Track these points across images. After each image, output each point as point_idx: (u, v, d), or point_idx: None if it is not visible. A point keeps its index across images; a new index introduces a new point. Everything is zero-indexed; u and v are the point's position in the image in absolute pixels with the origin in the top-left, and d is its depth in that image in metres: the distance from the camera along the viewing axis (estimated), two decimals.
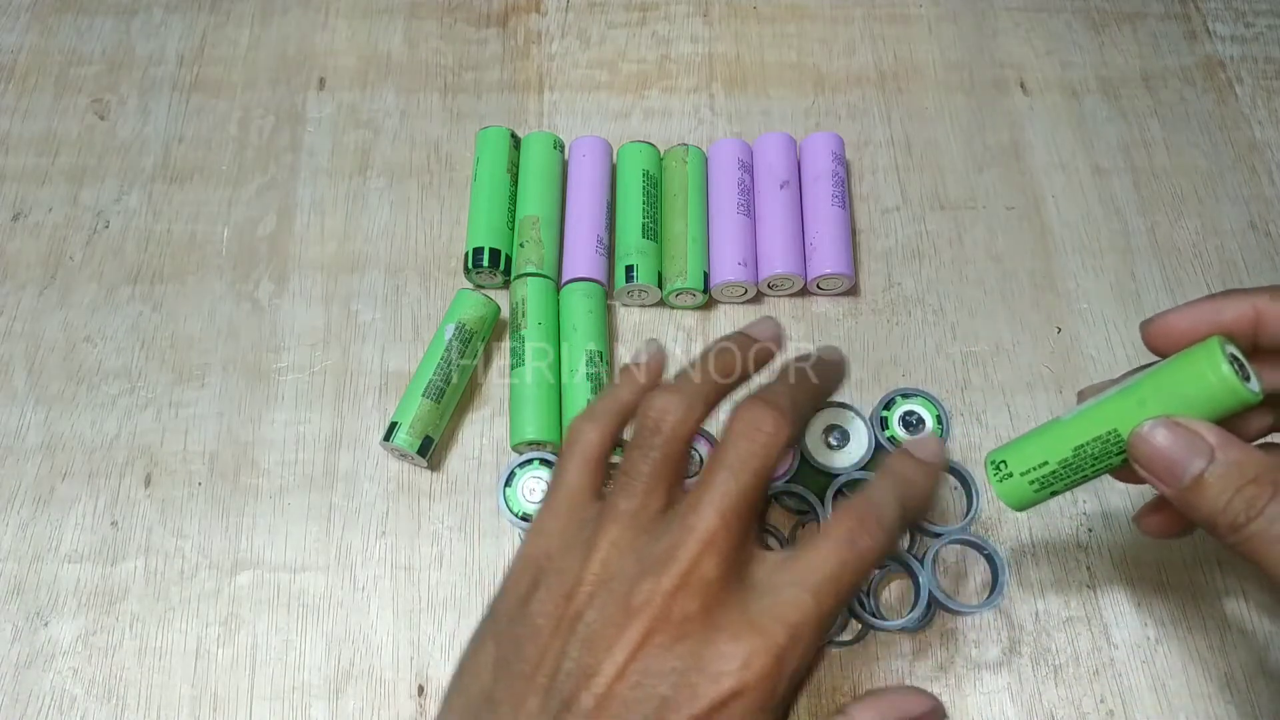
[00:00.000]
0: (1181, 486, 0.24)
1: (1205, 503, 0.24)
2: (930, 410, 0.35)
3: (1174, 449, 0.24)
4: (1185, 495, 0.24)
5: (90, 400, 0.41)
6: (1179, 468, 0.24)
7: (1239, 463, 0.24)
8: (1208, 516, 0.24)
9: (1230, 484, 0.23)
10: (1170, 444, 0.24)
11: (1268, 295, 0.25)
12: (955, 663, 0.37)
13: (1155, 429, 0.24)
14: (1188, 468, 0.24)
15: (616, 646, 0.24)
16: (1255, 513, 0.23)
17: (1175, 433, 0.24)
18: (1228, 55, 0.52)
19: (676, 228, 0.43)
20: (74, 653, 0.37)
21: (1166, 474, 0.24)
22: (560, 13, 0.52)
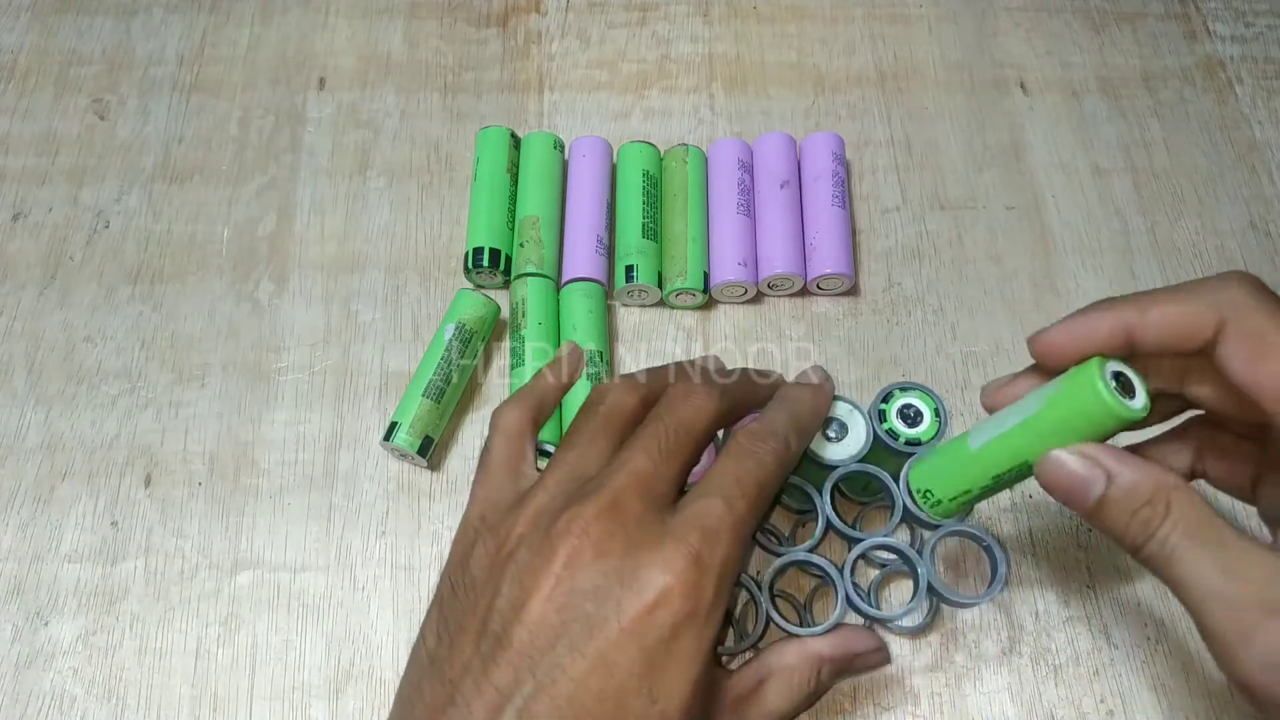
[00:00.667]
0: (1087, 510, 0.25)
1: (1109, 525, 0.25)
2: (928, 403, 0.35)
3: (1074, 476, 0.25)
4: (1092, 519, 0.25)
5: (90, 400, 0.41)
6: (1081, 493, 0.25)
7: (1134, 485, 0.24)
8: (1115, 538, 0.25)
9: (1127, 506, 0.24)
10: (1069, 472, 0.25)
11: (1134, 309, 0.25)
12: (955, 662, 0.37)
13: (1053, 458, 0.26)
14: (1089, 492, 0.25)
15: (542, 575, 0.25)
16: (1148, 534, 0.24)
17: (1073, 461, 0.25)
18: (1228, 55, 0.52)
19: (676, 228, 0.43)
20: (74, 653, 0.37)
21: (1072, 499, 0.25)
22: (560, 13, 0.52)
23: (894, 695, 0.36)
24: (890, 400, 0.35)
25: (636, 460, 0.27)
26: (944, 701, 0.36)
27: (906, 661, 0.37)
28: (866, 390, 0.42)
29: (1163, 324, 0.25)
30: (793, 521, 0.39)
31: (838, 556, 0.39)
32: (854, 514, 0.39)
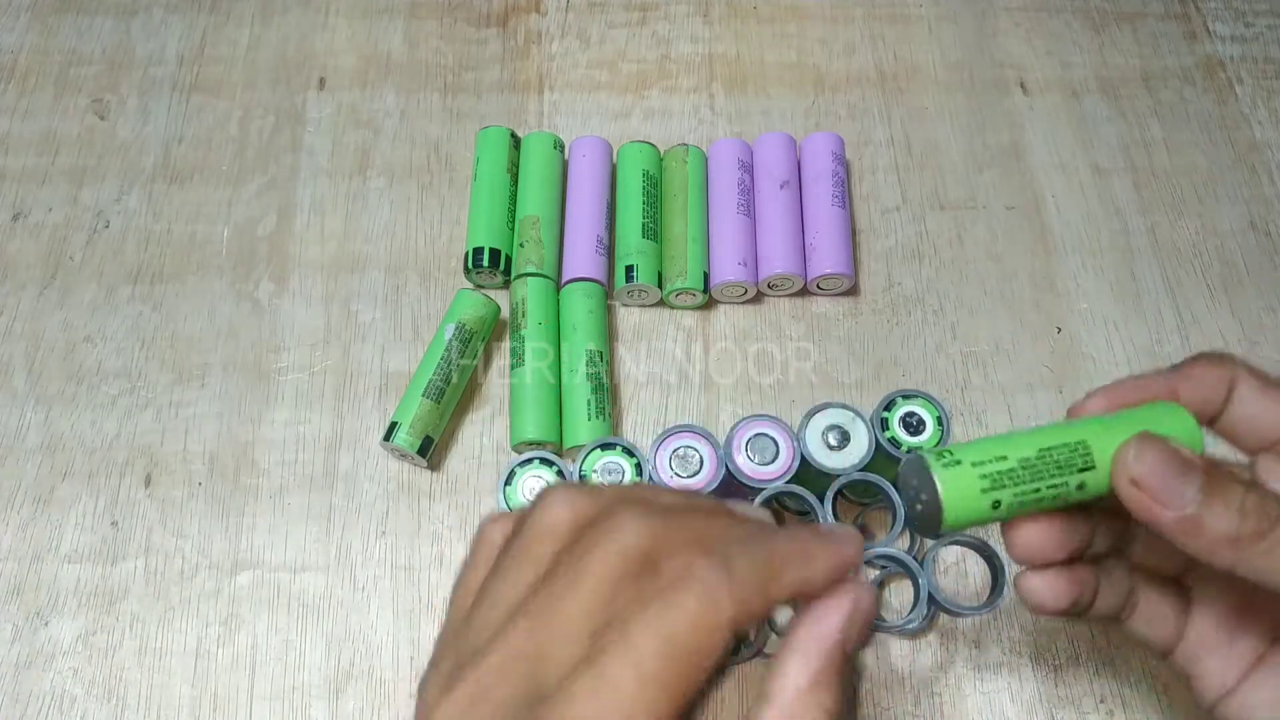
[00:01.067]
0: (1186, 507, 0.22)
1: (1220, 519, 0.22)
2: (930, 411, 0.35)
3: (1167, 467, 0.22)
4: (1186, 522, 0.22)
5: (90, 400, 0.41)
6: (1176, 489, 0.22)
7: (1230, 476, 0.22)
8: (1218, 537, 0.22)
9: (1234, 498, 0.22)
10: (1162, 462, 0.22)
11: (1167, 378, 0.25)
12: (955, 663, 0.37)
13: (1143, 449, 0.22)
14: (1185, 489, 0.22)
15: None
16: (1275, 519, 0.21)
17: (1165, 451, 0.22)
18: (1228, 55, 0.52)
19: (676, 228, 0.43)
20: (74, 653, 0.37)
21: (1165, 496, 0.22)
22: (560, 13, 0.52)
23: (894, 695, 0.36)
24: (893, 408, 0.35)
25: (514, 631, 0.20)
26: (944, 702, 0.36)
27: (907, 662, 0.37)
28: (866, 390, 0.42)
29: (1200, 380, 0.24)
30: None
31: None
32: (854, 515, 0.39)
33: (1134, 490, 0.22)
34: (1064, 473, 0.23)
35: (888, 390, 0.42)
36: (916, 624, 0.36)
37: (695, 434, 0.34)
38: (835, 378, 0.43)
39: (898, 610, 0.38)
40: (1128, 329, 0.44)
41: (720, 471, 0.34)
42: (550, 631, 0.20)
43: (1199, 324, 0.44)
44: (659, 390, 0.42)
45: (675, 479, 0.34)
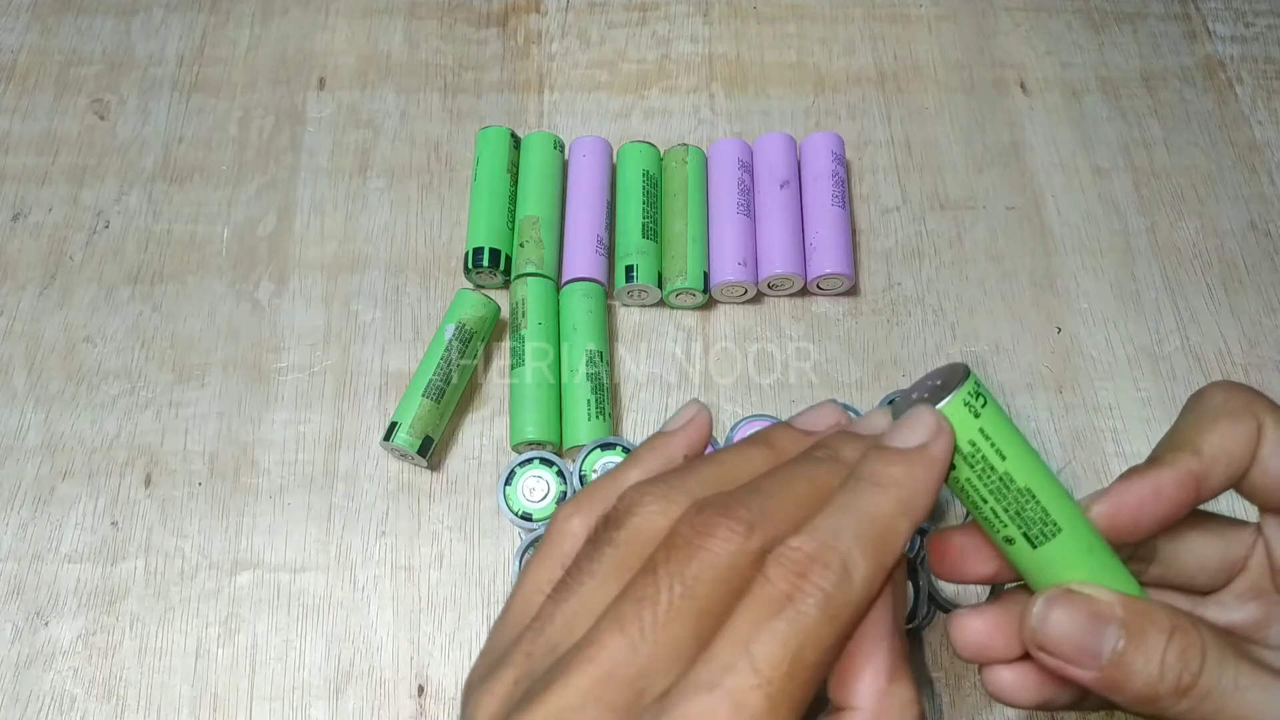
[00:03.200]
0: (1102, 666, 0.20)
1: (1136, 675, 0.20)
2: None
3: (1078, 627, 0.20)
4: (1110, 675, 0.20)
5: (90, 400, 0.41)
6: (1091, 646, 0.20)
7: (1152, 619, 0.20)
8: (1143, 689, 0.20)
9: (1156, 645, 0.20)
10: (1072, 622, 0.20)
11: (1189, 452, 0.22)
12: (955, 663, 0.37)
13: (1050, 609, 0.20)
14: (1101, 643, 0.20)
15: None
16: (1197, 667, 0.20)
17: (1074, 607, 0.20)
18: (1228, 55, 0.52)
19: (676, 228, 0.43)
20: (74, 653, 0.37)
21: (1081, 657, 0.20)
22: (560, 13, 0.52)
23: None
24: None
25: (608, 645, 0.18)
26: (944, 702, 0.36)
27: None
28: (866, 390, 0.42)
29: (1222, 450, 0.22)
30: None
31: None
32: None
33: (1043, 655, 0.21)
34: (1014, 521, 0.21)
35: (888, 390, 0.42)
36: (916, 624, 0.36)
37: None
38: (835, 378, 0.43)
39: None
40: (1128, 329, 0.44)
41: None
42: (654, 648, 0.18)
43: (1199, 324, 0.44)
44: (659, 390, 0.42)
45: None
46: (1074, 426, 0.42)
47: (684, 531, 0.19)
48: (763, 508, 0.20)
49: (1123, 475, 0.22)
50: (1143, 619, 0.20)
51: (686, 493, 0.21)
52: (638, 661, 0.18)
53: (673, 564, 0.19)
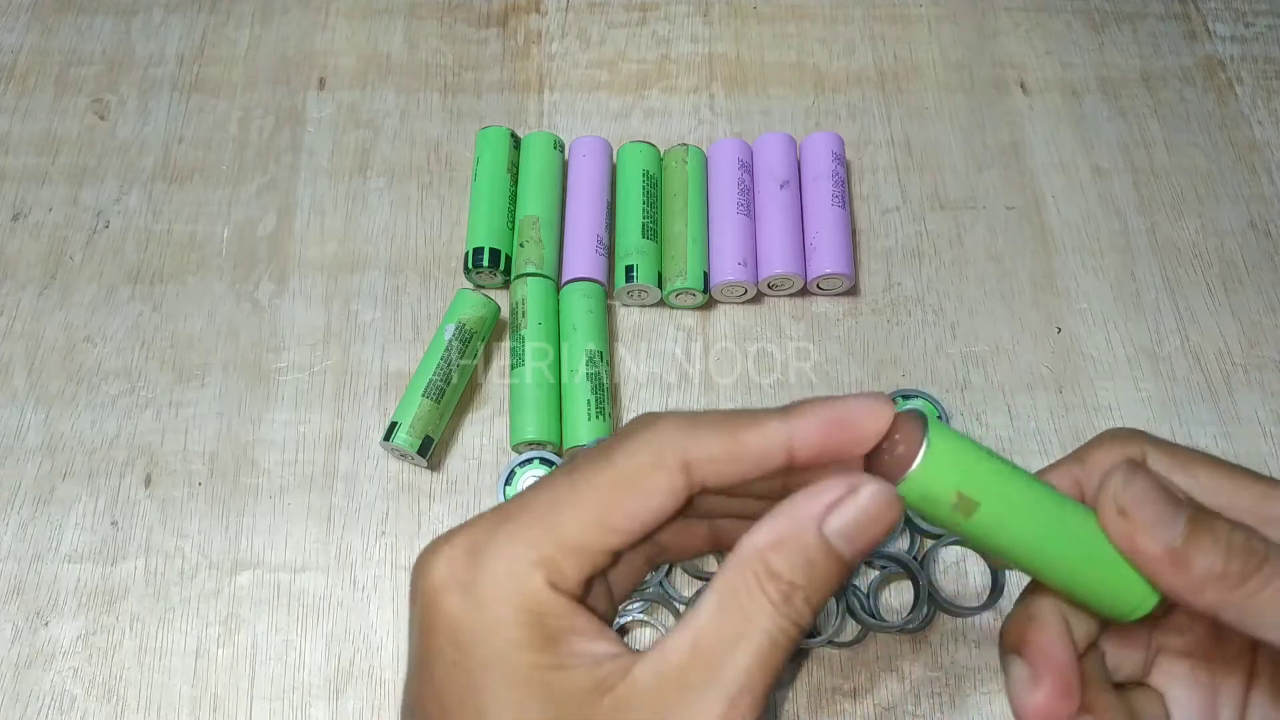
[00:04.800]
0: (1172, 542, 0.20)
1: (1204, 559, 0.20)
2: (930, 411, 0.35)
3: (1158, 496, 0.21)
4: (1176, 557, 0.20)
5: (90, 400, 0.41)
6: (1167, 519, 0.20)
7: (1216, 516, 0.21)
8: (1205, 574, 0.20)
9: (1221, 532, 0.20)
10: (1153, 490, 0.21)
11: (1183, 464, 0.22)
12: (955, 663, 0.37)
13: (1134, 475, 0.21)
14: (1173, 521, 0.20)
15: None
16: (1260, 558, 0.20)
17: (1154, 480, 0.21)
18: (1228, 55, 0.52)
19: (676, 228, 0.43)
20: (74, 653, 0.37)
21: (1154, 526, 0.20)
22: (560, 13, 0.52)
23: (894, 694, 0.36)
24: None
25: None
26: (944, 701, 0.36)
27: (907, 662, 0.37)
28: (866, 390, 0.42)
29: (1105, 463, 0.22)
30: None
31: None
32: None
33: (1120, 520, 0.21)
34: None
35: (888, 390, 0.42)
36: (916, 624, 0.36)
37: None
38: (835, 378, 0.43)
39: (898, 610, 0.38)
40: (1128, 329, 0.44)
41: None
42: None
43: (1199, 324, 0.44)
44: (659, 390, 0.42)
45: None
46: (1074, 426, 0.42)
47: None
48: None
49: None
50: (1206, 509, 0.21)
51: None
52: None
53: None
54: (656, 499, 0.20)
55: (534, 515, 0.21)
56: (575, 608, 0.20)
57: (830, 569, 0.20)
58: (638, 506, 0.20)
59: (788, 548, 0.19)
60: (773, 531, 0.19)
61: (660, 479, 0.20)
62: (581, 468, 0.21)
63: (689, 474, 0.20)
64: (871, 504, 0.20)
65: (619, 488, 0.20)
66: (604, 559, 0.20)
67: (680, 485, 0.20)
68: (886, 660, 0.37)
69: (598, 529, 0.20)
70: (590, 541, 0.20)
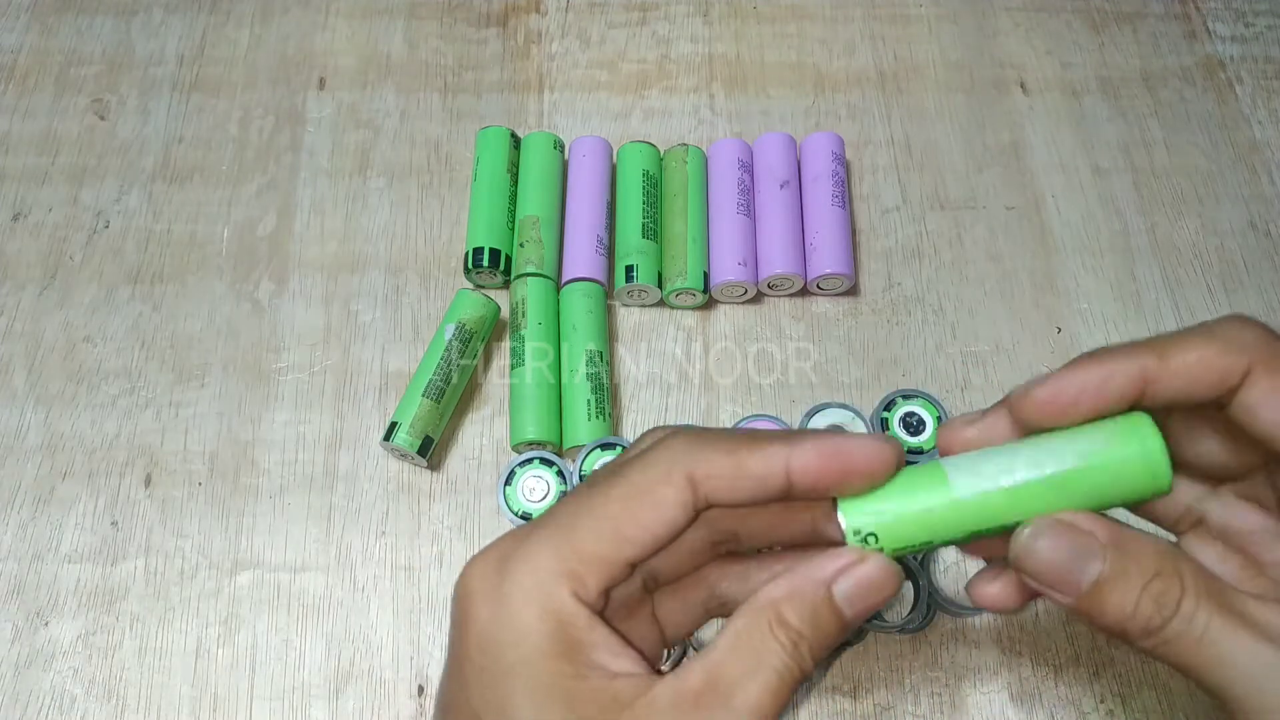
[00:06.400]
0: (1080, 595, 0.21)
1: (1110, 609, 0.21)
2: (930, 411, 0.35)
3: (1061, 556, 0.21)
4: (1085, 604, 0.21)
5: (90, 400, 0.41)
6: (1072, 576, 0.21)
7: (1137, 558, 0.21)
8: (1115, 623, 0.21)
9: (1134, 584, 0.20)
10: (1056, 551, 0.21)
11: (1152, 354, 0.21)
12: (955, 661, 0.37)
13: (1036, 539, 0.21)
14: (1082, 574, 0.21)
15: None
16: (1169, 613, 0.20)
17: (1060, 538, 0.21)
18: (1228, 55, 0.52)
19: (676, 228, 0.43)
20: (74, 653, 0.37)
21: (1061, 584, 0.21)
22: (560, 13, 0.52)
23: (894, 694, 0.36)
24: (893, 408, 0.35)
25: None
26: (944, 701, 0.36)
27: (907, 662, 0.37)
28: (866, 390, 0.42)
29: (1188, 371, 0.21)
30: None
31: None
32: None
33: (1031, 581, 0.22)
34: (986, 536, 0.23)
35: (888, 390, 0.42)
36: (916, 624, 0.36)
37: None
38: (835, 378, 0.43)
39: (898, 610, 0.38)
40: (1128, 329, 0.44)
41: None
42: None
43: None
44: (659, 390, 0.42)
45: None
46: None
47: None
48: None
49: (1080, 357, 0.22)
50: (1126, 556, 0.21)
51: None
52: None
53: None
54: (667, 511, 0.21)
55: (556, 528, 0.22)
56: (595, 620, 0.21)
57: (832, 625, 0.22)
58: (649, 518, 0.21)
59: (799, 601, 0.21)
60: (788, 586, 0.21)
61: (669, 493, 0.21)
62: (598, 483, 0.22)
63: (695, 490, 0.21)
64: (876, 573, 0.22)
65: (632, 500, 0.21)
66: (621, 570, 0.21)
67: (688, 499, 0.21)
68: (886, 660, 0.37)
69: (612, 540, 0.21)
70: (607, 552, 0.21)
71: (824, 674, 0.37)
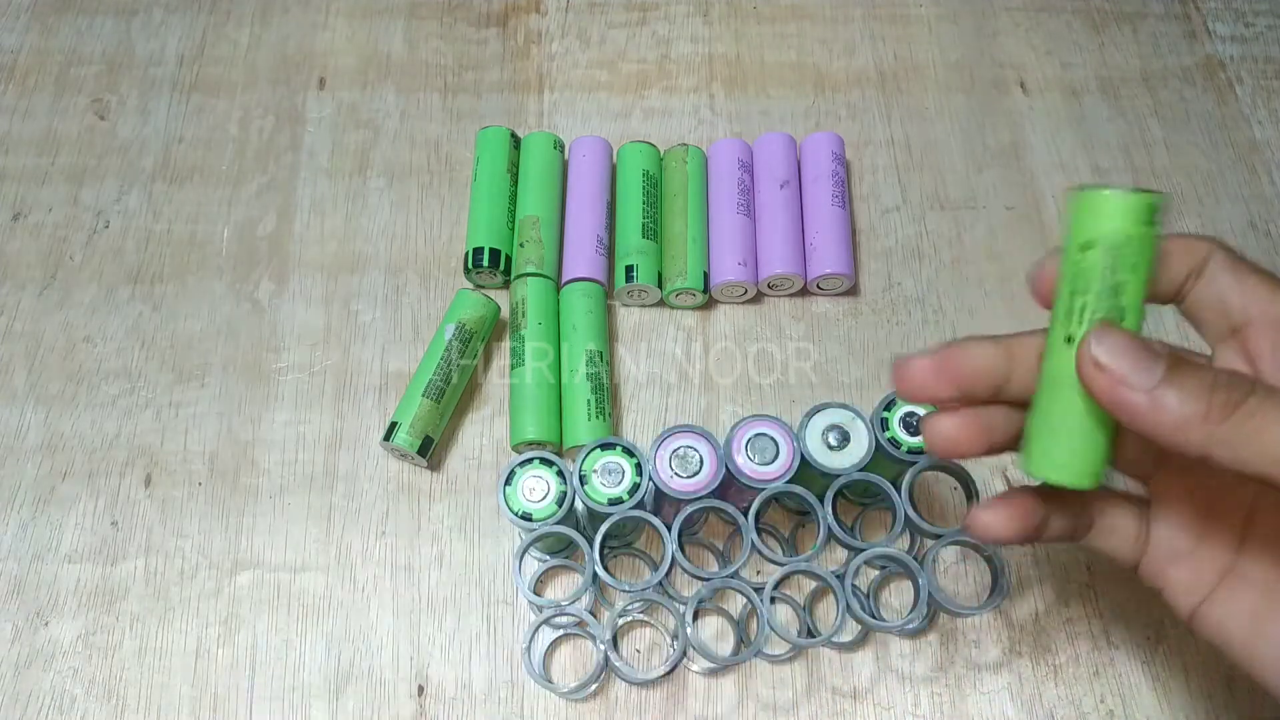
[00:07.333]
0: (1151, 387, 0.21)
1: (1186, 400, 0.21)
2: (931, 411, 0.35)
3: (1132, 348, 0.21)
4: (1160, 393, 0.21)
5: (90, 400, 0.41)
6: (1143, 367, 0.21)
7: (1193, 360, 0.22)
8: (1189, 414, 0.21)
9: (1205, 376, 0.21)
10: (1126, 344, 0.22)
11: None
12: (955, 663, 0.37)
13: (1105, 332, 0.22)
14: (1151, 368, 0.21)
15: None
16: (1241, 396, 0.20)
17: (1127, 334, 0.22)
18: (1228, 55, 0.52)
19: (676, 228, 0.43)
20: (74, 653, 0.37)
21: (1132, 376, 0.21)
22: (560, 13, 0.52)
23: (894, 695, 0.36)
24: (893, 408, 0.35)
25: None
26: (944, 701, 0.36)
27: (907, 662, 0.37)
28: (866, 390, 0.42)
29: (1168, 249, 0.24)
30: (793, 523, 0.39)
31: (838, 559, 0.39)
32: (854, 514, 0.39)
33: (1098, 374, 0.22)
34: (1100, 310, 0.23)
35: (888, 390, 0.42)
36: (916, 624, 0.36)
37: (695, 434, 0.34)
38: (835, 378, 0.43)
39: (898, 610, 0.38)
40: None
41: (720, 471, 0.34)
42: None
43: None
44: (659, 390, 0.42)
45: (675, 479, 0.34)
46: None
47: None
48: None
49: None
50: (1185, 353, 0.22)
51: None
52: None
53: None
54: None
55: None
56: None
57: None
58: None
59: None
60: None
61: None
62: None
63: None
64: None
65: None
66: None
67: None
68: (886, 660, 0.37)
69: None
70: None
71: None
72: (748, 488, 0.34)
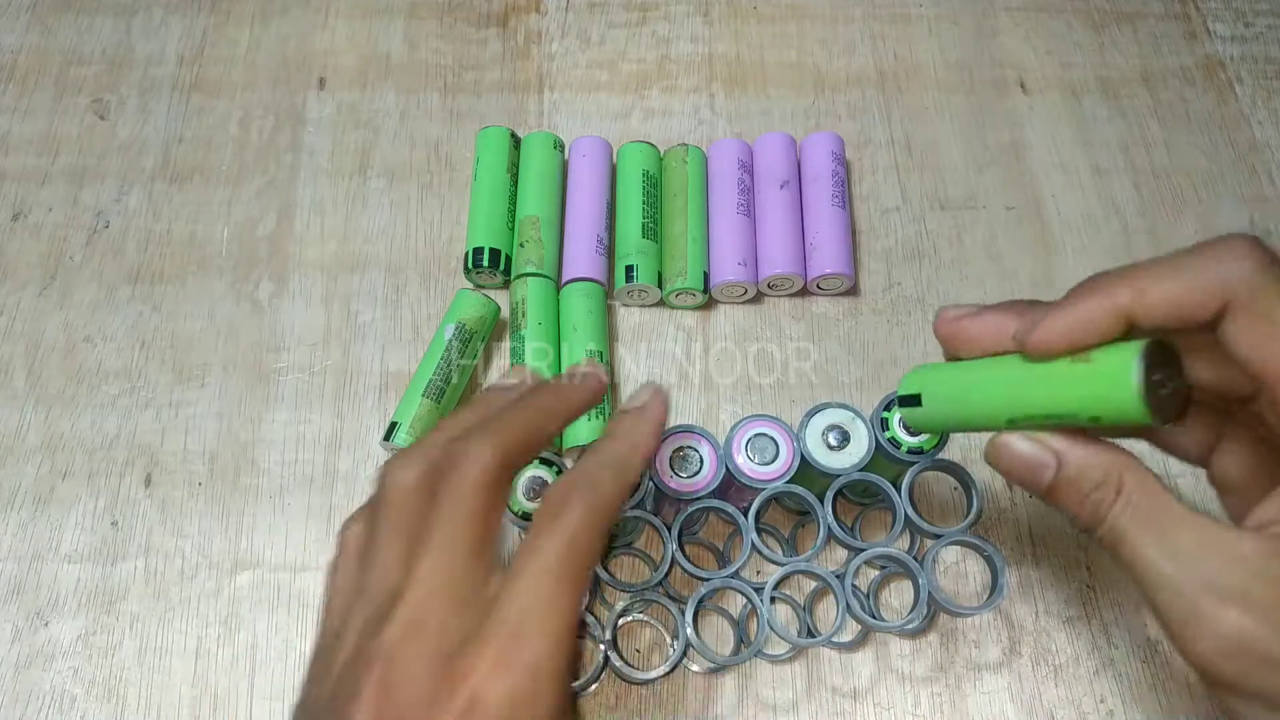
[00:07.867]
0: (1042, 491, 0.25)
1: (1064, 507, 0.25)
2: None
3: (1024, 460, 0.25)
4: (1049, 501, 0.25)
5: (90, 400, 0.41)
6: (1034, 476, 0.25)
7: (1083, 468, 0.24)
8: (1071, 520, 0.25)
9: (1079, 489, 0.24)
10: (1019, 455, 0.25)
11: (1130, 290, 0.23)
12: (955, 663, 0.37)
13: (1002, 443, 0.25)
14: (1041, 476, 0.25)
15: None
16: (1098, 518, 0.24)
17: (1022, 445, 0.25)
18: (1228, 55, 0.52)
19: (676, 228, 0.43)
20: (74, 653, 0.37)
21: (1025, 482, 0.25)
22: (560, 13, 0.52)
23: (894, 695, 0.36)
24: (893, 408, 0.35)
25: (428, 564, 0.24)
26: (944, 702, 0.36)
27: (907, 662, 0.37)
28: (866, 390, 0.42)
29: (1164, 305, 0.23)
30: (793, 522, 0.39)
31: (838, 559, 0.39)
32: (854, 514, 0.39)
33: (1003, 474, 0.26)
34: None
35: (888, 390, 0.42)
36: (916, 624, 0.36)
37: (695, 434, 0.34)
38: (835, 378, 0.43)
39: (898, 610, 0.38)
40: None
41: (720, 472, 0.34)
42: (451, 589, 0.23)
43: None
44: None
45: (675, 479, 0.34)
46: None
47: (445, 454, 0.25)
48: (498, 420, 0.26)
49: (1068, 295, 0.24)
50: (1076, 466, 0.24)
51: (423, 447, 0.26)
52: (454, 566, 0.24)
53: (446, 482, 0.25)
54: None
55: None
56: None
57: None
58: None
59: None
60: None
61: None
62: None
63: None
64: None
65: None
66: None
67: None
68: (886, 660, 0.37)
69: None
70: None
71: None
72: (748, 488, 0.34)
